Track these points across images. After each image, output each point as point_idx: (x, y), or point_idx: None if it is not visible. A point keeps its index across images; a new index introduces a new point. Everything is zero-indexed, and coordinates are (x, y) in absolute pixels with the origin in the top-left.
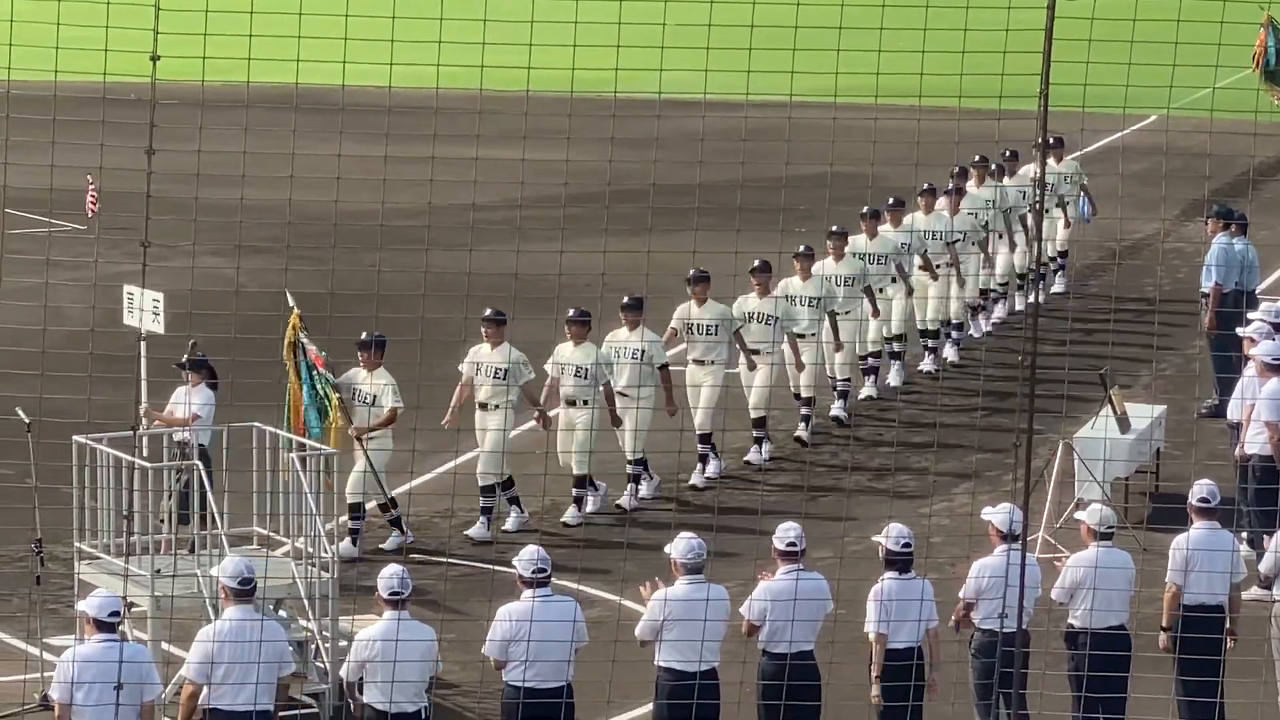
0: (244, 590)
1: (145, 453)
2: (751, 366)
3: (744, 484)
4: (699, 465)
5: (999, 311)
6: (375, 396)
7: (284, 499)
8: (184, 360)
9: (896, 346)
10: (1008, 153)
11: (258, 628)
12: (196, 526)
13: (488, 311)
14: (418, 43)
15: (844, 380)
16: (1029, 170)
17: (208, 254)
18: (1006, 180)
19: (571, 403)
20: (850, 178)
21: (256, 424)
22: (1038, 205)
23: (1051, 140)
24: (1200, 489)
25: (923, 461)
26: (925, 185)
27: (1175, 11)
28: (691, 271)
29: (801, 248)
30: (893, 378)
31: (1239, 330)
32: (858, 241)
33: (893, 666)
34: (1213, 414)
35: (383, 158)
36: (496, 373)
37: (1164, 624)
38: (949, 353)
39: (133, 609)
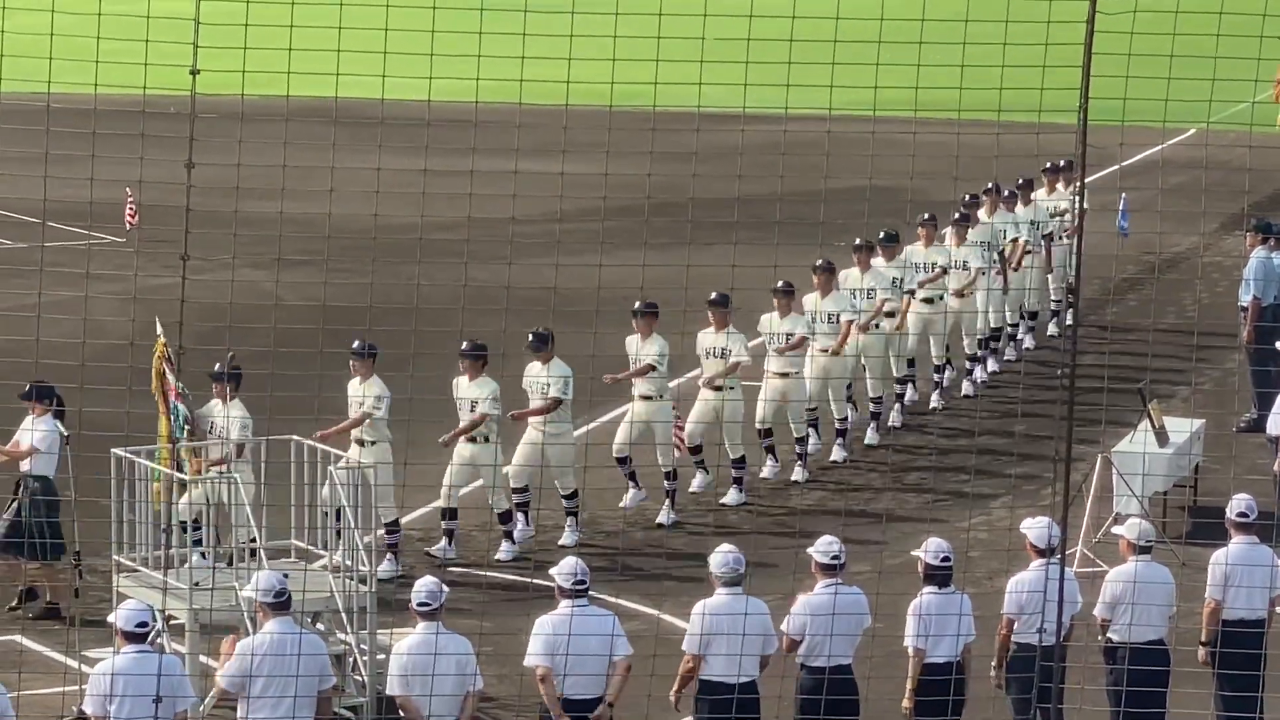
0: (280, 603)
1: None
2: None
3: (783, 497)
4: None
5: (1028, 341)
6: (228, 431)
7: (321, 512)
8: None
9: (898, 388)
10: (1021, 180)
11: (296, 641)
12: (235, 539)
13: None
14: (457, 56)
15: (840, 420)
16: (1041, 197)
17: (247, 267)
18: (1019, 209)
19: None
20: (889, 191)
21: (295, 437)
22: (1078, 220)
23: (1061, 164)
24: (1239, 503)
25: (962, 475)
26: (925, 215)
27: (1214, 26)
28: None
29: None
30: (893, 418)
31: (1278, 344)
32: (850, 276)
33: (931, 681)
34: (1251, 428)
35: (422, 171)
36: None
37: (1203, 639)
38: (965, 386)
39: (171, 621)
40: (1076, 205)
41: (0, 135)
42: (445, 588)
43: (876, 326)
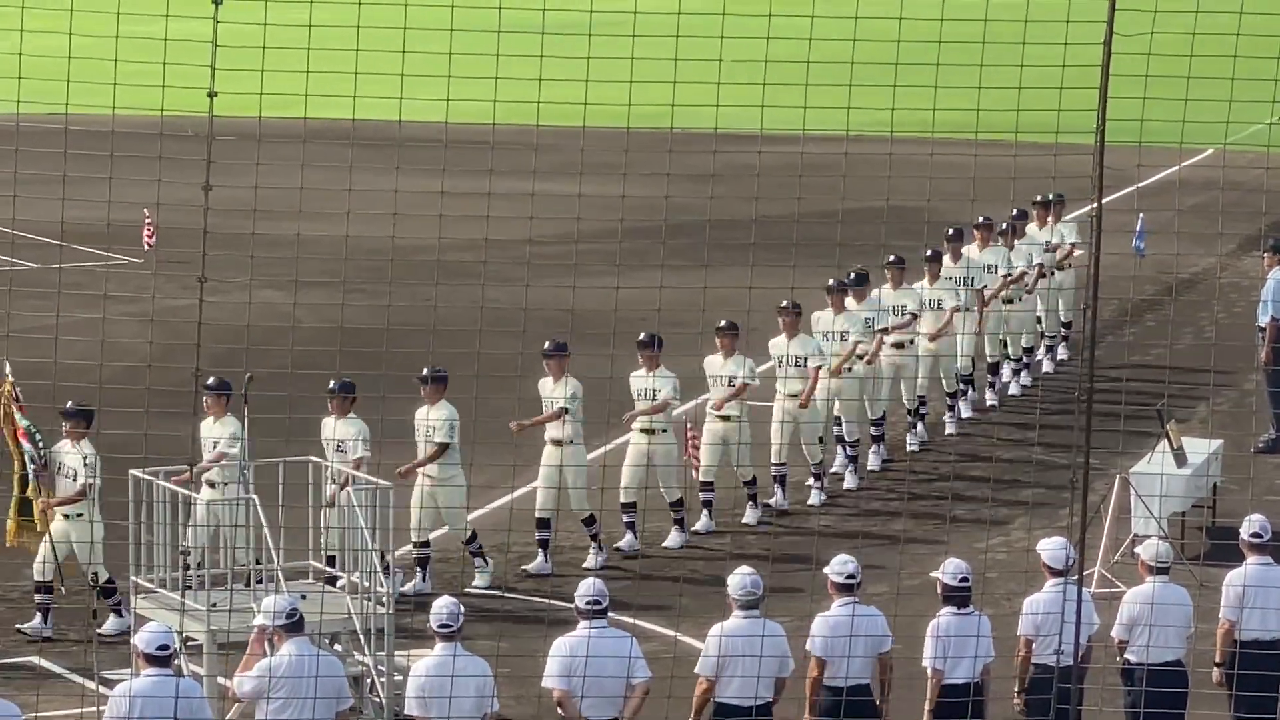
0: (294, 624)
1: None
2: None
3: (801, 519)
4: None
5: (1025, 378)
6: (76, 471)
7: (340, 533)
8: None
9: (875, 430)
10: (1016, 211)
11: (315, 662)
12: (252, 560)
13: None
14: (475, 78)
15: (815, 464)
16: (1032, 231)
17: (264, 288)
18: (1016, 242)
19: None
20: (907, 212)
21: (313, 458)
22: (1095, 242)
23: (1052, 197)
24: (1253, 524)
25: (980, 496)
26: (891, 258)
27: (1232, 47)
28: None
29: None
30: (871, 461)
31: None
32: (822, 318)
33: (949, 702)
34: (1269, 449)
35: (440, 192)
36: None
37: (1218, 659)
38: (918, 434)
39: (189, 643)
40: (1094, 225)
41: (19, 157)
42: (462, 608)
43: (849, 370)
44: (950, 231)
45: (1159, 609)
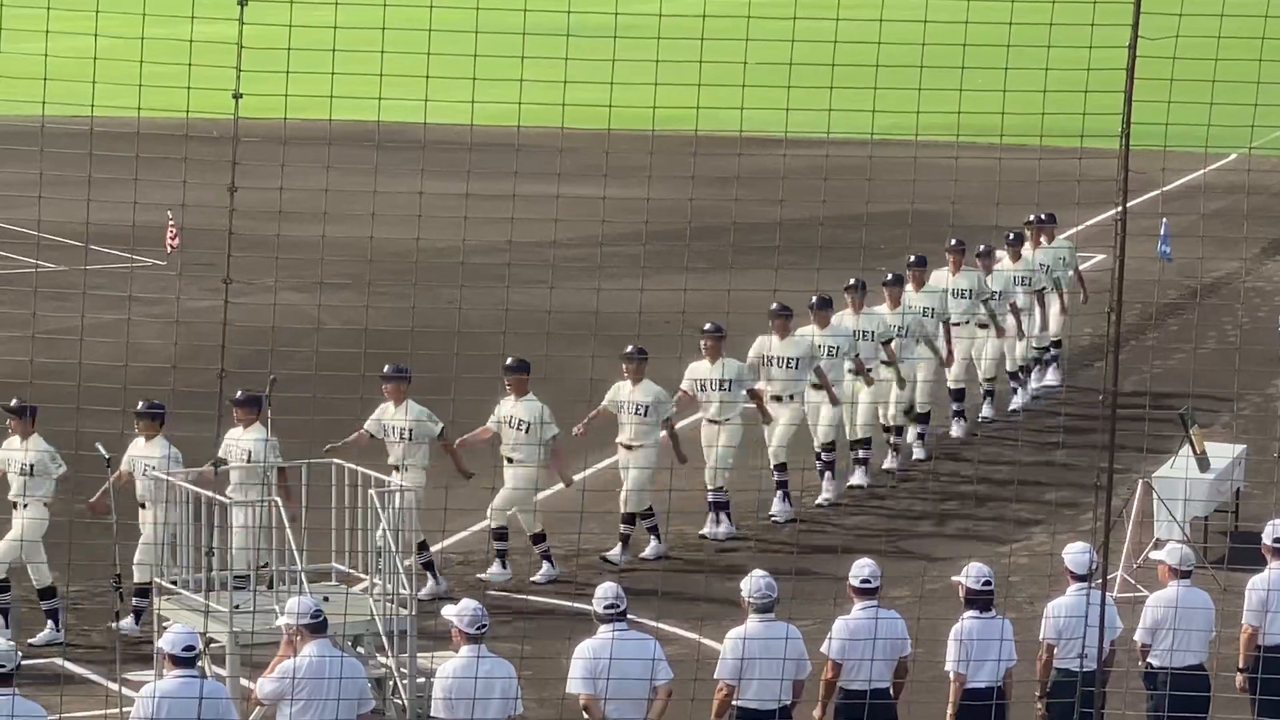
0: (318, 624)
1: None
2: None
3: (821, 522)
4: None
5: (986, 409)
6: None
7: (363, 535)
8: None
9: (826, 456)
10: (1011, 235)
11: (337, 664)
12: (275, 562)
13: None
14: (499, 80)
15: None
16: (1026, 252)
17: (288, 290)
18: (997, 267)
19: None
20: (931, 215)
21: (336, 460)
22: (1119, 246)
23: (1044, 217)
24: (1276, 528)
25: (1002, 500)
26: (851, 280)
27: (1256, 51)
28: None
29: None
30: (857, 477)
31: None
32: (845, 318)
33: (972, 706)
34: None
35: (464, 194)
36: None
37: (1241, 664)
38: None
39: (211, 645)
40: (1119, 229)
41: (44, 158)
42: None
43: (791, 398)
44: (912, 258)
45: (1182, 613)
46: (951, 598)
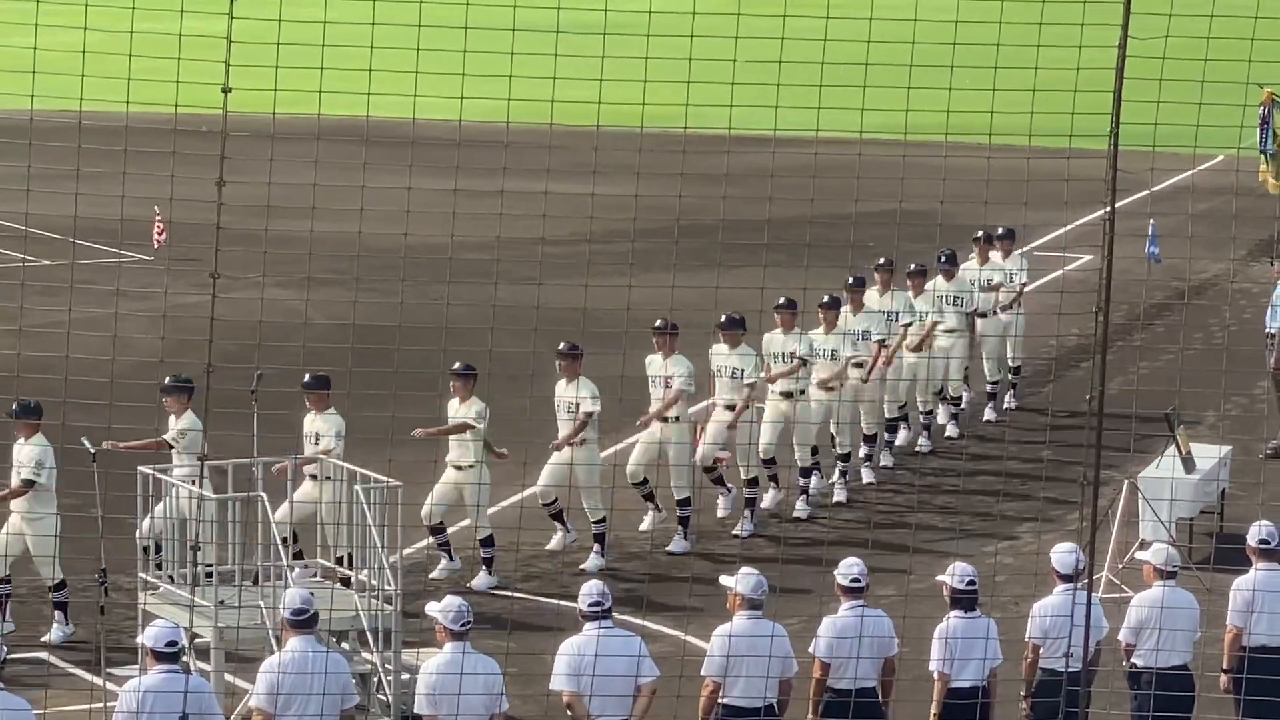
0: (301, 621)
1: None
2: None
3: (807, 521)
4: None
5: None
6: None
7: (348, 531)
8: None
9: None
10: (944, 255)
11: (320, 659)
12: (260, 558)
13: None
14: (488, 77)
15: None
16: (968, 272)
17: (275, 286)
18: (940, 282)
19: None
20: (919, 215)
21: (321, 456)
22: (1107, 247)
23: (1000, 231)
24: (1259, 530)
25: (988, 500)
26: (781, 300)
27: (1245, 53)
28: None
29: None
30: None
31: None
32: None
33: (956, 705)
34: (1278, 455)
35: (452, 191)
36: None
37: (1225, 665)
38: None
39: (196, 640)
40: (1107, 229)
41: (33, 153)
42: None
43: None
44: (850, 280)
45: (1166, 613)
46: (936, 597)
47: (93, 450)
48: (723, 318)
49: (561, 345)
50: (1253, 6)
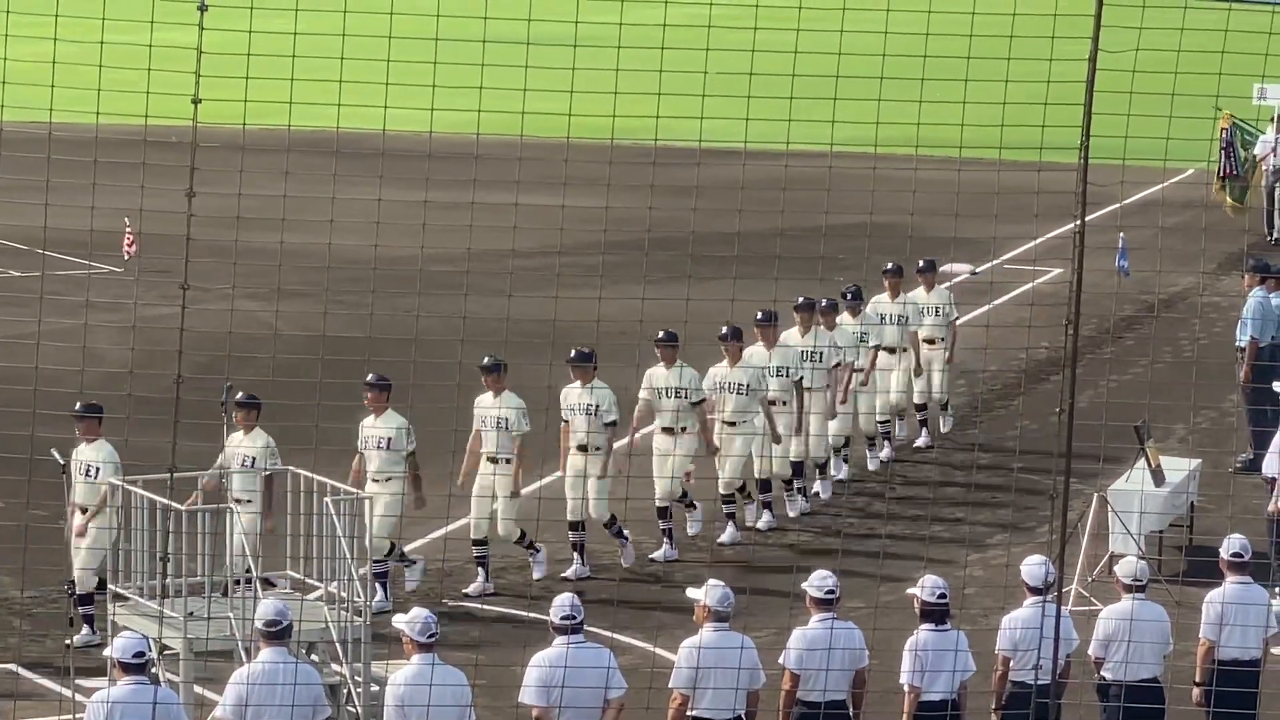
0: (273, 633)
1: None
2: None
3: (775, 533)
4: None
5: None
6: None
7: (318, 543)
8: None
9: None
10: (850, 290)
11: (291, 671)
12: (230, 569)
13: (485, 360)
14: (458, 88)
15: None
16: (884, 301)
17: (245, 297)
18: (849, 317)
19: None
20: (889, 227)
21: (291, 468)
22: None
23: (921, 264)
24: (1232, 544)
25: (958, 512)
26: (724, 330)
27: (1215, 66)
28: (660, 334)
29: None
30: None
31: (1275, 385)
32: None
33: (926, 718)
34: (1247, 468)
35: (422, 203)
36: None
37: (1197, 679)
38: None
39: (165, 652)
40: (1077, 242)
41: (1, 163)
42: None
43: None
44: (760, 315)
45: (1136, 626)
46: (906, 609)
47: (63, 461)
48: (660, 333)
49: (485, 360)
50: (1222, 21)
